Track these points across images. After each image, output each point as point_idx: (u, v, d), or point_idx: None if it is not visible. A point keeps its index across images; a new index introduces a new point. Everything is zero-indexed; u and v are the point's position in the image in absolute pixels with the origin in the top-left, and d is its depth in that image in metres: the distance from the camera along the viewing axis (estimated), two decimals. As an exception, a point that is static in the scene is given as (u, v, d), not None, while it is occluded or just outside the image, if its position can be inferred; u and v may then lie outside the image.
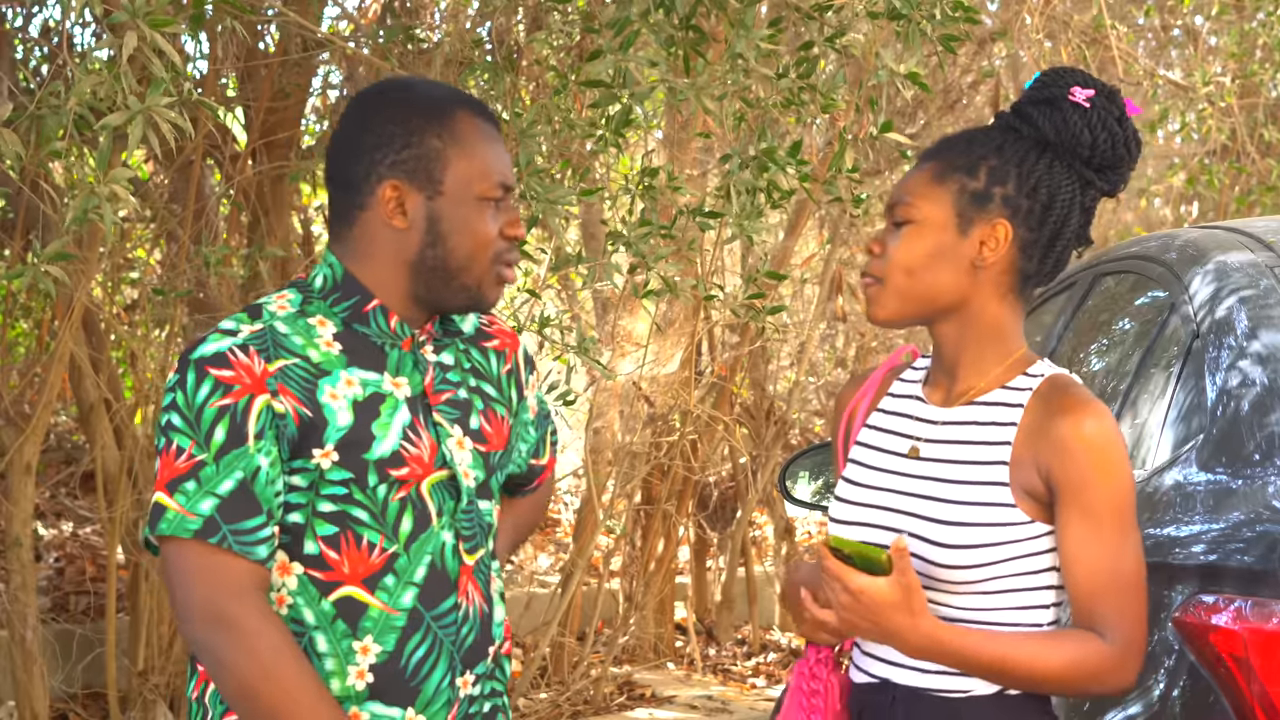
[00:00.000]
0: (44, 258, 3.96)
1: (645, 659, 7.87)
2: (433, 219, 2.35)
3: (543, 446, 2.67)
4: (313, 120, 6.80)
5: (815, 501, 4.20)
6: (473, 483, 2.40)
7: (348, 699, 2.31)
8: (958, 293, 2.36)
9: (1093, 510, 2.27)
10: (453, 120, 2.36)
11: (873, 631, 2.26)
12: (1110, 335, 3.43)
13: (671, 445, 7.51)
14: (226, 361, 2.27)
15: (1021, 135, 2.38)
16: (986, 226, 2.35)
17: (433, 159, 2.34)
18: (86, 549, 7.43)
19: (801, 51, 4.89)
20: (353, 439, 2.30)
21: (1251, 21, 8.62)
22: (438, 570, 2.35)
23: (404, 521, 2.33)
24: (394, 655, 2.32)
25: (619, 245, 4.83)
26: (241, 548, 2.24)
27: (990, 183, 2.35)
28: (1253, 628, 2.34)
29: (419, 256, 2.35)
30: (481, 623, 2.41)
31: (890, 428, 2.47)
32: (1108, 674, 2.26)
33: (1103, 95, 2.39)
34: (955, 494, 2.33)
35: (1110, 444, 2.28)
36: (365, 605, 2.31)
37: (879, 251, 2.37)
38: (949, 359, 2.42)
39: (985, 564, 2.30)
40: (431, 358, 2.42)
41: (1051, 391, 2.34)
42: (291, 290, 2.40)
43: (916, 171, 2.40)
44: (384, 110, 2.37)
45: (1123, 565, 2.27)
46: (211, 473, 2.24)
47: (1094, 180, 2.39)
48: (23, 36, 5.69)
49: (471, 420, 2.42)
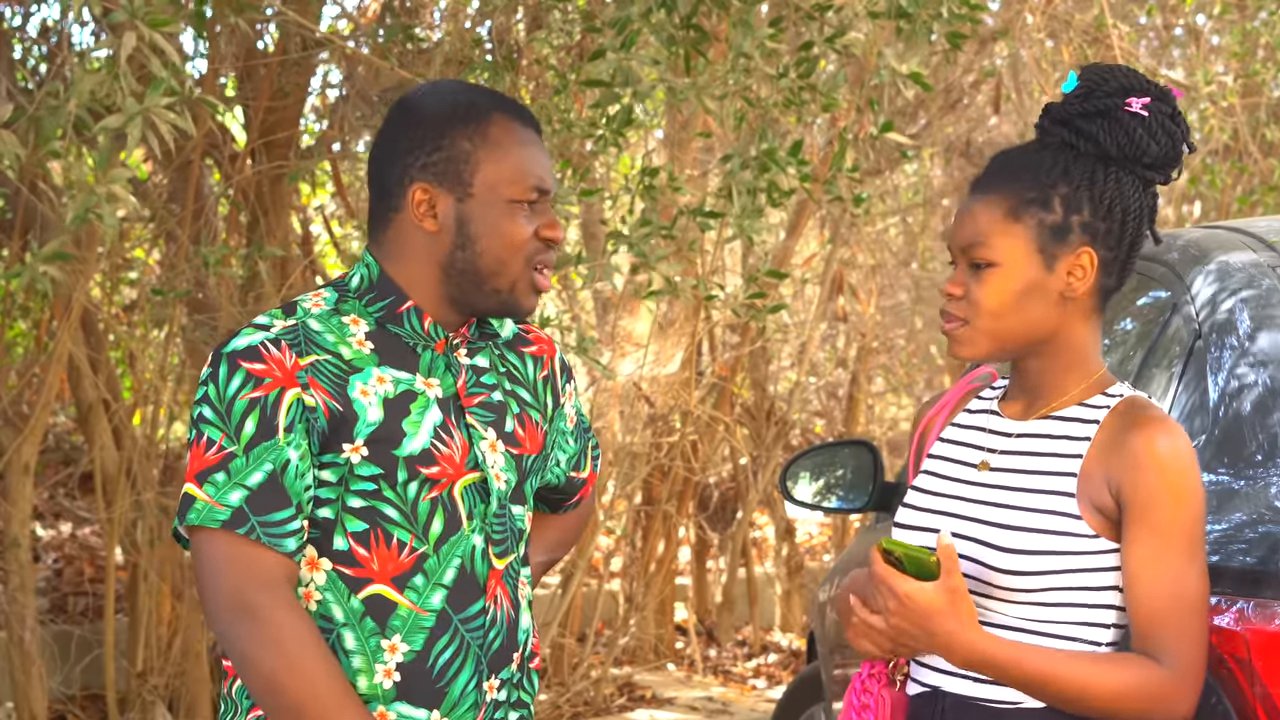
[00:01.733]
0: (42, 258, 3.96)
1: (645, 660, 7.86)
2: (462, 221, 2.34)
3: (583, 459, 2.66)
4: (312, 120, 6.79)
5: (816, 502, 4.19)
6: (504, 485, 2.40)
7: (375, 698, 2.31)
8: (1049, 326, 2.34)
9: (1160, 529, 2.24)
10: (486, 123, 2.35)
11: (919, 638, 2.24)
12: (1111, 335, 3.41)
13: (672, 446, 7.50)
14: (258, 355, 2.27)
15: (1080, 151, 2.34)
16: (1071, 257, 2.32)
17: (462, 161, 2.34)
18: (85, 550, 7.43)
19: (802, 51, 4.88)
20: (382, 435, 2.30)
21: (1254, 21, 8.61)
22: (467, 573, 2.35)
23: (434, 523, 2.33)
24: (421, 655, 2.32)
25: (620, 245, 4.82)
26: (270, 539, 2.23)
27: (1067, 213, 2.32)
28: (1255, 629, 2.33)
29: (449, 259, 2.35)
30: (508, 628, 2.40)
31: (964, 440, 2.46)
32: (1163, 701, 2.22)
33: (1157, 99, 2.36)
34: (1019, 501, 2.32)
35: (1184, 464, 2.26)
36: (394, 604, 2.31)
37: (960, 294, 2.34)
38: (1031, 383, 2.40)
39: (1042, 572, 2.27)
40: (465, 361, 2.41)
41: (1129, 410, 2.32)
42: (328, 289, 2.41)
43: (981, 206, 2.35)
44: (420, 113, 2.38)
45: (1186, 588, 2.24)
46: (241, 464, 2.25)
47: (1154, 178, 2.37)
48: (21, 36, 5.68)
49: (506, 423, 2.42)
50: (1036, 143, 2.39)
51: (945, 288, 2.36)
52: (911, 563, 2.23)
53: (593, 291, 7.67)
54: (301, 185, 6.83)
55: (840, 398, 9.99)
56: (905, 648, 2.29)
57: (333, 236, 7.52)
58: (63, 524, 7.75)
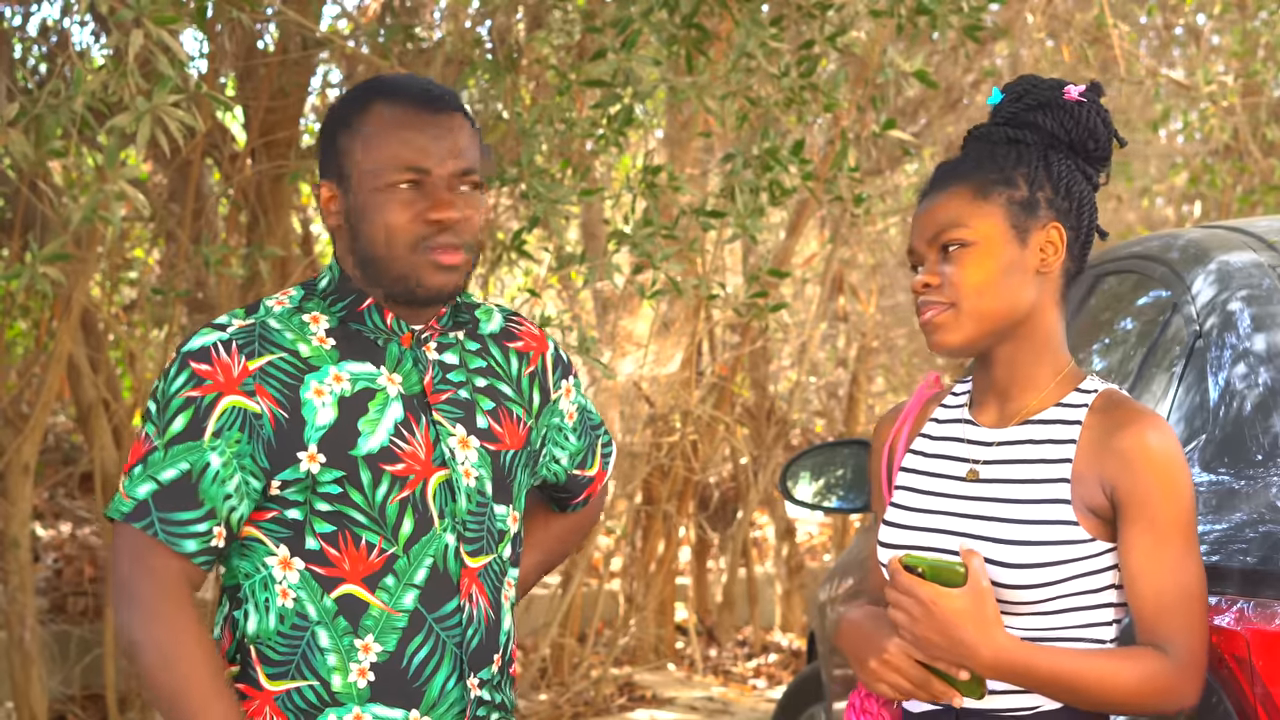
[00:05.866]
0: (42, 258, 3.96)
1: (646, 660, 7.86)
2: (349, 214, 2.36)
3: (590, 457, 2.64)
4: (312, 119, 6.78)
5: (816, 502, 4.19)
6: (474, 482, 2.38)
7: (350, 697, 2.31)
8: (1026, 304, 2.34)
9: (1157, 525, 2.25)
10: (362, 114, 2.35)
11: (944, 646, 2.23)
12: (1112, 335, 3.41)
13: (672, 445, 7.50)
14: (208, 357, 2.29)
15: (1028, 143, 2.36)
16: (1041, 232, 2.34)
17: (341, 155, 2.36)
18: (85, 550, 7.43)
19: (803, 50, 4.88)
20: (335, 436, 2.30)
21: (1254, 20, 8.61)
22: (439, 573, 2.35)
23: (404, 524, 2.33)
24: (395, 655, 2.32)
25: (622, 245, 4.82)
26: (167, 537, 2.26)
27: (1032, 189, 2.34)
28: (1255, 629, 2.32)
29: (355, 252, 2.36)
30: (488, 628, 2.39)
31: (941, 452, 2.44)
32: (1173, 691, 2.24)
33: (1091, 90, 2.40)
34: (1017, 514, 2.31)
35: (1173, 457, 2.27)
36: (366, 604, 2.31)
37: (937, 282, 2.33)
38: (1001, 380, 2.39)
39: (1048, 583, 2.27)
40: (433, 356, 2.41)
41: (1109, 406, 2.33)
42: (295, 288, 2.42)
43: (944, 196, 2.35)
44: (325, 118, 2.43)
45: (1188, 580, 2.26)
46: (159, 458, 2.27)
47: (1094, 175, 2.40)
48: (21, 36, 5.68)
49: (478, 419, 2.41)
50: (980, 147, 2.39)
51: (918, 281, 2.34)
52: (934, 574, 2.23)
53: (593, 291, 7.66)
54: (301, 185, 6.83)
55: (840, 398, 9.99)
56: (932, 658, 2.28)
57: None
58: (63, 524, 7.75)
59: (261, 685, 2.32)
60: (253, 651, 2.33)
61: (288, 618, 2.31)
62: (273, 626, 2.31)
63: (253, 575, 2.33)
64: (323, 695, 2.31)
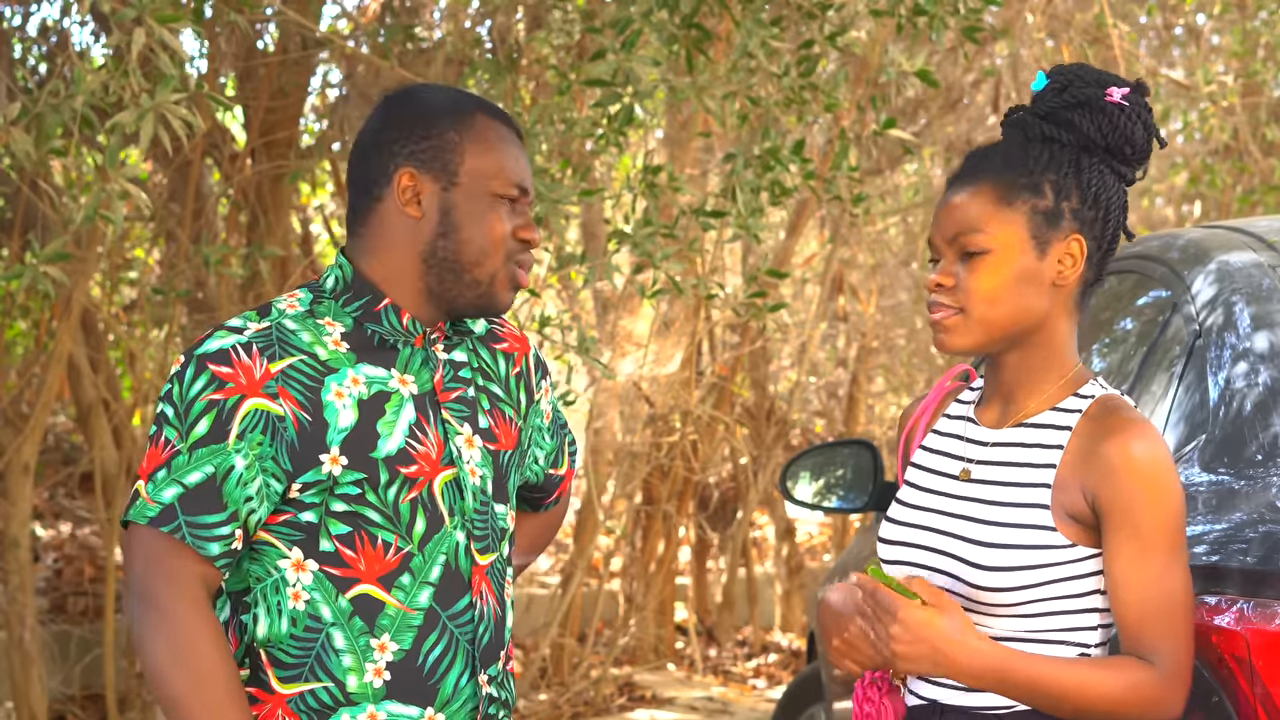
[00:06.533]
0: (42, 258, 3.96)
1: (645, 660, 7.86)
2: (445, 210, 2.35)
3: (560, 456, 2.67)
4: (312, 119, 6.79)
5: (816, 502, 4.19)
6: (479, 481, 2.40)
7: (365, 697, 2.32)
8: (1038, 315, 2.33)
9: (1141, 534, 2.23)
10: (470, 118, 2.38)
11: (924, 657, 2.22)
12: (1112, 335, 3.41)
13: (672, 446, 7.50)
14: (228, 359, 2.28)
15: (1063, 143, 2.34)
16: (1062, 244, 2.32)
17: (449, 150, 2.36)
18: (85, 550, 7.43)
19: (803, 50, 4.88)
20: (356, 438, 2.30)
21: (1254, 20, 8.61)
22: (452, 570, 2.36)
23: (418, 522, 2.34)
24: (411, 653, 2.33)
25: (622, 245, 4.82)
26: (194, 540, 2.25)
27: (1058, 199, 2.31)
28: (1255, 629, 2.32)
29: (430, 248, 2.36)
30: (496, 624, 2.41)
31: (942, 449, 2.45)
32: (1157, 702, 2.22)
33: (1135, 91, 2.36)
34: (995, 515, 2.31)
35: (1159, 466, 2.24)
36: (382, 603, 2.32)
37: (951, 284, 2.32)
38: (1008, 382, 2.39)
39: (1022, 586, 2.27)
40: (443, 355, 2.42)
41: (1101, 413, 2.31)
42: (302, 290, 2.41)
43: (968, 195, 2.33)
44: (405, 108, 2.40)
45: (1172, 590, 2.24)
46: (184, 461, 2.26)
47: (1129, 174, 2.37)
48: (21, 36, 5.68)
49: (480, 419, 2.42)
50: (1015, 137, 2.38)
51: (933, 280, 2.34)
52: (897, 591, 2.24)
53: (593, 291, 7.66)
54: (301, 185, 6.84)
55: (840, 398, 9.99)
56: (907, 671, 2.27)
57: (333, 236, 7.52)
58: (63, 524, 7.75)
59: (273, 688, 2.32)
60: (263, 655, 2.32)
61: (300, 620, 2.31)
62: (285, 629, 2.31)
63: (264, 579, 2.33)
64: (337, 696, 2.31)
